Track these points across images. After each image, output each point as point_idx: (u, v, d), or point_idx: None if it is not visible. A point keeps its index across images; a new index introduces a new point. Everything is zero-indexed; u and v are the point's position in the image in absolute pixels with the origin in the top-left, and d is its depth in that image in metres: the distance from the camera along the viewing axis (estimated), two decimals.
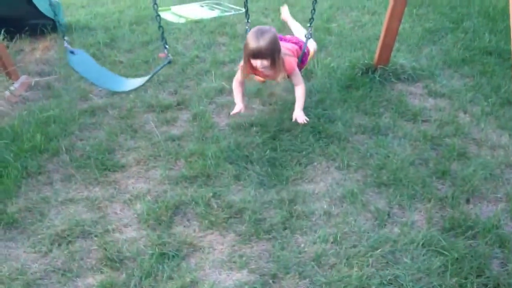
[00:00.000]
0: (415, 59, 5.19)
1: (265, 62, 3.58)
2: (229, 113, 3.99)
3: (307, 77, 4.89)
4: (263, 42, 3.50)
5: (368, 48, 5.47)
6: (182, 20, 6.71)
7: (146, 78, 3.82)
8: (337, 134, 3.89)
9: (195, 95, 4.69)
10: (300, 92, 3.85)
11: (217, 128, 4.11)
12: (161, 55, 5.54)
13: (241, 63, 3.83)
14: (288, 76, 3.87)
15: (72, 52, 3.80)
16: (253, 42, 3.52)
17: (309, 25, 3.98)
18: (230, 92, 4.73)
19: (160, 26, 3.55)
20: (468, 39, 5.70)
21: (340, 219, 3.05)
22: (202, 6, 7.32)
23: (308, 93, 4.42)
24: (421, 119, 4.14)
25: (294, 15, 6.61)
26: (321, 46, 5.57)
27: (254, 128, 4.02)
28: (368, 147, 3.76)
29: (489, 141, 3.83)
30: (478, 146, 3.77)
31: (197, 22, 6.64)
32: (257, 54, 3.54)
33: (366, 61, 4.93)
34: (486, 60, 5.19)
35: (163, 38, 3.59)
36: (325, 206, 3.16)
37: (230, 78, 4.98)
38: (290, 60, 3.81)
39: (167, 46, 3.64)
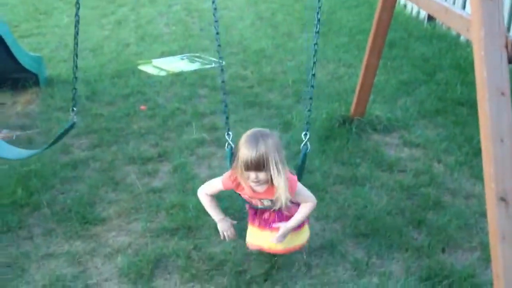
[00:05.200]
0: (390, 110, 5.34)
1: (261, 176, 2.67)
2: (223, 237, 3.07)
3: (285, 129, 5.00)
4: (261, 148, 2.62)
5: (345, 100, 5.61)
6: (163, 73, 6.83)
7: (44, 147, 3.87)
8: (316, 185, 3.97)
9: (176, 147, 4.75)
10: (306, 208, 2.89)
11: (198, 180, 4.16)
12: (142, 107, 5.68)
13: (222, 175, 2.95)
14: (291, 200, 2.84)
15: None
16: (247, 149, 2.64)
17: (304, 132, 3.25)
18: (211, 143, 4.83)
19: (74, 88, 3.59)
20: (441, 90, 5.90)
21: (320, 270, 3.10)
22: (183, 59, 7.47)
23: (287, 144, 4.52)
24: (397, 169, 4.25)
25: (273, 67, 6.83)
26: (300, 98, 5.73)
27: None
28: (346, 198, 3.84)
29: (463, 191, 3.94)
30: (452, 196, 3.88)
31: (177, 74, 6.77)
32: (252, 164, 2.62)
33: (343, 113, 5.07)
34: (458, 110, 5.36)
35: (74, 99, 3.61)
36: (305, 257, 3.20)
37: (210, 129, 5.09)
38: (291, 177, 2.83)
39: (74, 109, 3.63)
